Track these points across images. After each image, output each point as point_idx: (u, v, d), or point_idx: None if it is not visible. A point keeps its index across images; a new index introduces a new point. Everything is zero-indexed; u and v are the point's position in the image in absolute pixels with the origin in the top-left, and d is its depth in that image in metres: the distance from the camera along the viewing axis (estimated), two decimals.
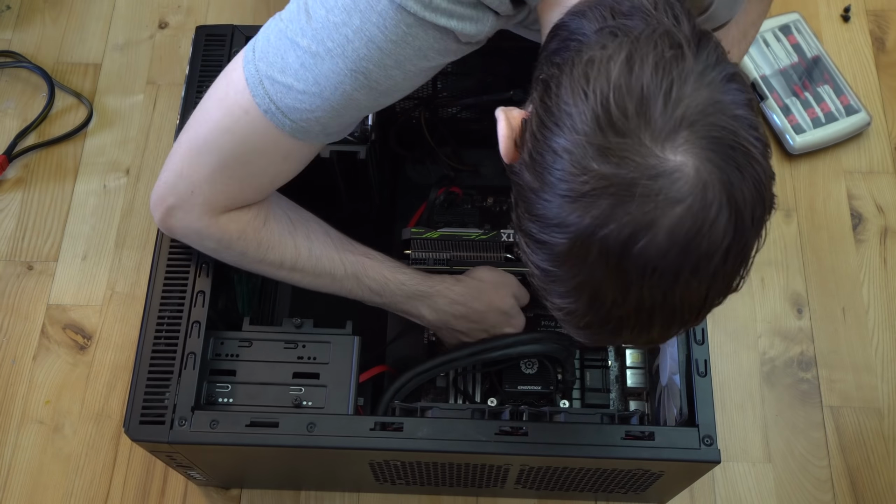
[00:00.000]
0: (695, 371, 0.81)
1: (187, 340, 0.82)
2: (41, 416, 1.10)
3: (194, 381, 0.80)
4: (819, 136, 1.24)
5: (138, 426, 0.79)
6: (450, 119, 1.13)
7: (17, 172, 1.26)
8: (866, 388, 1.12)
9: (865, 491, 1.07)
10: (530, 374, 0.93)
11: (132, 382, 0.81)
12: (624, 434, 0.79)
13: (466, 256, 0.97)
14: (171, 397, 0.80)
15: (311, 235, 0.84)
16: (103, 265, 1.20)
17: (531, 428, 0.79)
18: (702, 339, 0.83)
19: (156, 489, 1.06)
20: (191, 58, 0.95)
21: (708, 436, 0.78)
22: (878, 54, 1.34)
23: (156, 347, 0.82)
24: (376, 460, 0.84)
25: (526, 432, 0.78)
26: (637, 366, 0.97)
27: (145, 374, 0.81)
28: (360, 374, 0.85)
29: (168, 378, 0.81)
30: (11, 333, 1.15)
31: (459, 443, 0.78)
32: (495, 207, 1.10)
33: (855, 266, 1.19)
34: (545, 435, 0.79)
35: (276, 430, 0.78)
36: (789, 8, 1.36)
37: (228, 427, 0.79)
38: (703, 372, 0.81)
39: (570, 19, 0.62)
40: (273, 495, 1.06)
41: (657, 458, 0.79)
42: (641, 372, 0.97)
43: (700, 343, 0.82)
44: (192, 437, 0.79)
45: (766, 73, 1.28)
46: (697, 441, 0.78)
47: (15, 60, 1.34)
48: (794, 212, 1.22)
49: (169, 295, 0.85)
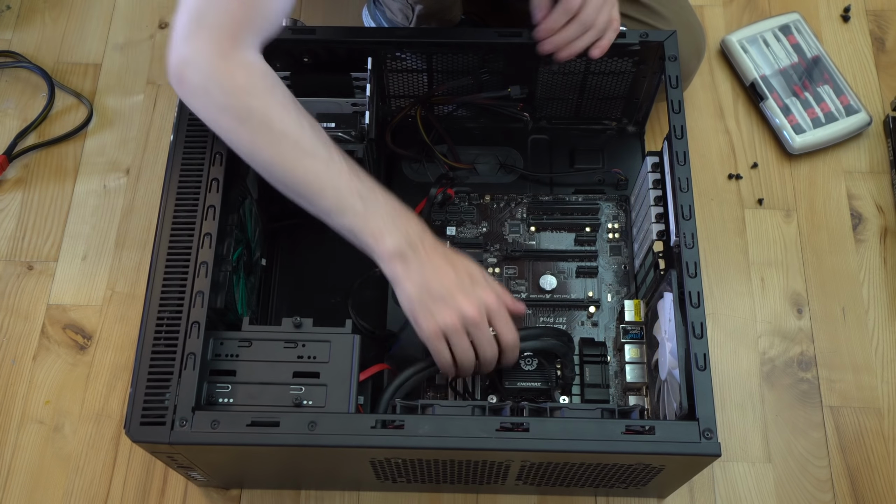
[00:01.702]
0: (694, 365, 0.81)
1: (187, 341, 0.82)
2: (41, 416, 1.10)
3: (194, 382, 0.80)
4: (819, 136, 1.24)
5: (139, 427, 0.79)
6: (446, 117, 1.14)
7: (17, 172, 1.26)
8: (866, 388, 1.12)
9: (865, 491, 1.07)
10: (529, 370, 0.93)
11: (132, 383, 0.81)
12: (624, 429, 0.79)
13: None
14: (171, 398, 0.80)
15: (313, 122, 0.84)
16: (103, 265, 1.20)
17: (532, 424, 0.79)
18: (701, 333, 0.83)
19: (156, 489, 1.06)
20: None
21: (708, 429, 0.78)
22: (878, 54, 1.34)
23: (155, 348, 0.82)
24: (377, 458, 0.84)
25: (527, 428, 0.78)
26: (636, 361, 0.97)
27: (145, 375, 0.81)
28: (360, 373, 0.85)
29: (168, 379, 0.81)
30: (11, 333, 1.15)
31: (461, 439, 0.78)
32: (493, 205, 1.10)
33: (855, 266, 1.19)
34: (546, 430, 0.79)
35: (277, 429, 0.78)
36: (789, 8, 1.36)
37: (229, 427, 0.79)
38: (702, 366, 0.81)
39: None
40: (273, 495, 1.06)
41: (658, 451, 0.79)
42: (641, 367, 0.97)
43: (699, 337, 0.83)
44: (192, 437, 0.79)
45: (766, 73, 1.28)
46: (698, 434, 0.78)
47: (15, 60, 1.34)
48: (794, 212, 1.22)
49: (168, 295, 0.84)
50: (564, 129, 1.16)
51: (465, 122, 1.15)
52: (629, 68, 1.03)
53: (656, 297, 0.94)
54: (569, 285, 1.06)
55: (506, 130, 1.15)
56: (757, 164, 1.25)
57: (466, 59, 1.00)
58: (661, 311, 0.92)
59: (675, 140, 0.92)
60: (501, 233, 1.08)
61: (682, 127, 0.92)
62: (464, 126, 1.15)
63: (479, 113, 1.14)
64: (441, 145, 1.12)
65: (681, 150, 0.91)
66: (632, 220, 1.08)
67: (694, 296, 0.84)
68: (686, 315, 0.84)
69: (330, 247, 1.07)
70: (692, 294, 0.84)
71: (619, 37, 0.97)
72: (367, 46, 1.00)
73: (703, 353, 0.82)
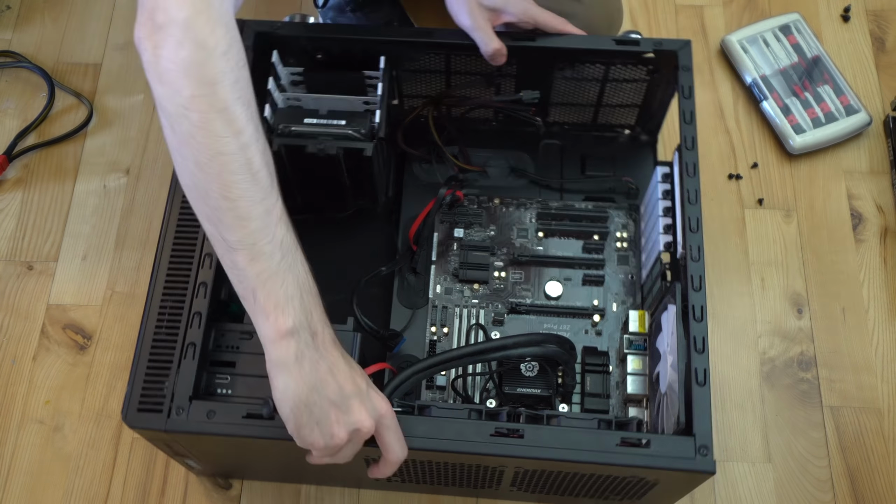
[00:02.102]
0: (694, 380, 0.80)
1: (188, 331, 0.82)
2: (41, 416, 1.10)
3: (193, 371, 0.80)
4: (819, 136, 1.24)
5: (136, 413, 0.79)
6: (458, 119, 1.13)
7: (17, 172, 1.26)
8: (866, 388, 1.12)
9: (865, 491, 1.07)
10: (530, 376, 0.93)
11: (132, 370, 0.81)
12: (619, 440, 0.78)
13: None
14: (169, 386, 0.80)
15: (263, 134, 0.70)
16: (103, 265, 1.20)
17: (527, 430, 0.78)
18: (702, 347, 0.82)
19: (156, 489, 1.06)
20: None
21: (704, 446, 0.77)
22: (878, 54, 1.34)
23: (156, 337, 0.82)
24: (372, 457, 0.84)
25: (522, 434, 0.78)
26: (638, 372, 0.97)
27: (145, 363, 0.81)
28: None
29: (167, 367, 0.81)
30: (11, 333, 1.15)
31: (454, 442, 0.78)
32: (502, 208, 1.10)
33: (855, 266, 1.19)
34: (541, 438, 0.78)
35: (273, 423, 0.78)
36: (789, 8, 1.36)
37: (225, 418, 0.79)
38: (701, 381, 0.80)
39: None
40: (273, 494, 1.06)
41: (652, 465, 0.78)
42: (642, 378, 0.96)
43: (700, 352, 0.81)
44: (188, 426, 0.79)
45: (766, 73, 1.28)
46: (693, 450, 0.77)
47: (15, 60, 1.34)
48: (794, 212, 1.22)
49: (171, 285, 0.85)
50: (577, 136, 1.15)
51: (477, 125, 1.15)
52: (643, 76, 1.02)
53: (661, 309, 0.93)
54: (574, 293, 1.05)
55: (518, 134, 1.14)
56: (757, 164, 1.25)
57: (480, 61, 1.00)
58: (664, 324, 0.91)
59: (686, 151, 0.91)
60: (509, 237, 1.08)
61: (693, 138, 0.92)
62: (475, 128, 1.15)
63: (491, 116, 1.14)
64: (452, 147, 1.12)
65: (691, 162, 0.90)
66: (641, 229, 1.07)
67: (697, 309, 0.83)
68: (689, 328, 0.83)
69: (336, 243, 1.07)
70: (695, 308, 0.83)
71: (633, 44, 0.97)
72: (381, 46, 0.99)
73: (703, 367, 0.80)
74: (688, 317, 0.83)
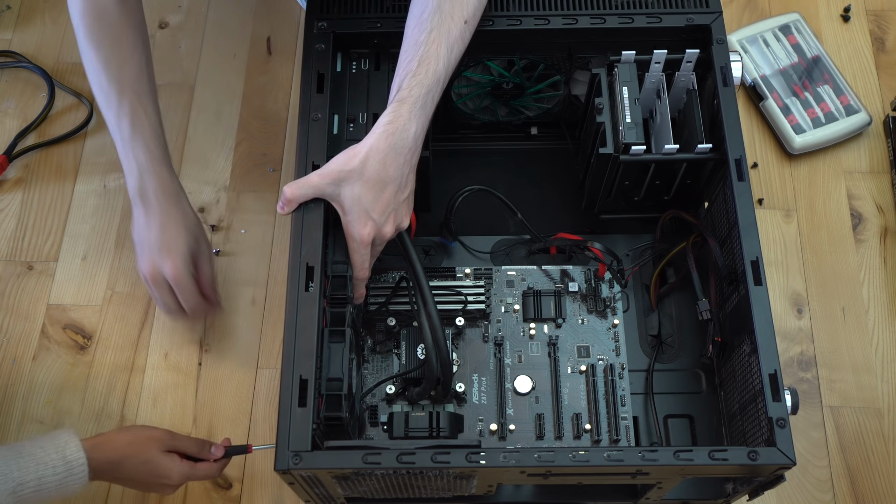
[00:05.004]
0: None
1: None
2: (41, 416, 1.10)
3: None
4: (819, 136, 1.24)
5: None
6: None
7: (17, 172, 1.26)
8: (866, 388, 1.12)
9: (865, 491, 1.07)
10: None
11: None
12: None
13: None
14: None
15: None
16: (103, 265, 1.20)
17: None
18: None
19: None
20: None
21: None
22: (878, 54, 1.34)
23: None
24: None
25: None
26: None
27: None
28: None
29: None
30: (11, 333, 1.15)
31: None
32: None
33: (855, 266, 1.19)
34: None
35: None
36: (789, 8, 1.36)
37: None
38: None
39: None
40: (273, 494, 1.06)
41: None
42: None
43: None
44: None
45: (766, 73, 1.28)
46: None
47: (15, 60, 1.34)
48: (794, 212, 1.22)
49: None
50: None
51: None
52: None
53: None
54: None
55: None
56: (757, 164, 1.25)
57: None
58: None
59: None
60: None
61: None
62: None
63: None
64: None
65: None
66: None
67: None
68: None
69: None
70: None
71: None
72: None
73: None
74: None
